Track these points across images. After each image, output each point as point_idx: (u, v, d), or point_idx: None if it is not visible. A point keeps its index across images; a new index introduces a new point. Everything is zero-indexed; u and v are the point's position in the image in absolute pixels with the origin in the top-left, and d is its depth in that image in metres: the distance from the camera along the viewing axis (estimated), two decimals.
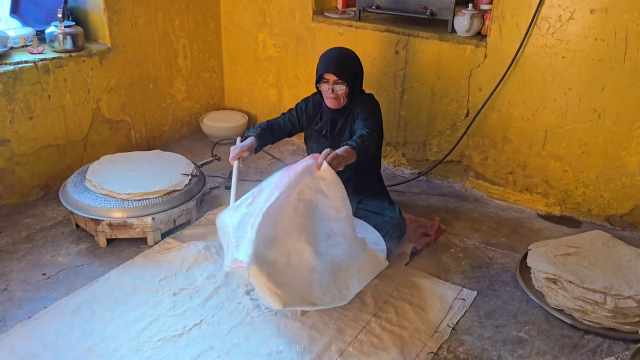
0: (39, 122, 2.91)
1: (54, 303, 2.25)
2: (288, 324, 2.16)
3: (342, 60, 2.48)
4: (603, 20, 2.54)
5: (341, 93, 2.47)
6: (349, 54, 2.53)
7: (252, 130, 2.65)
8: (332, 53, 2.52)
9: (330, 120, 2.58)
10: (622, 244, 2.47)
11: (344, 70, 2.45)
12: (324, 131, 2.60)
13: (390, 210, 2.58)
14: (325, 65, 2.46)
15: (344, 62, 2.48)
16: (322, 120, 2.60)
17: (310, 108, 2.67)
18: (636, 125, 2.63)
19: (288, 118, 2.71)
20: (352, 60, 2.52)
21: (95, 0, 3.09)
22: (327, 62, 2.46)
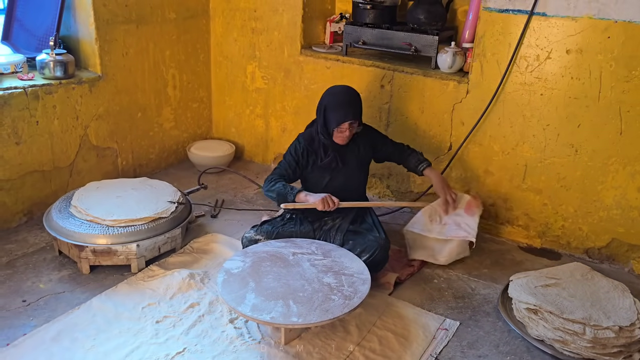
0: (25, 147, 2.91)
1: (33, 330, 2.22)
2: (271, 353, 2.16)
3: (356, 103, 2.60)
4: (578, 60, 2.66)
5: (353, 131, 2.60)
6: (356, 93, 2.63)
7: (293, 189, 2.58)
8: (346, 99, 2.57)
9: (338, 153, 2.65)
10: (600, 276, 2.52)
11: (358, 111, 2.59)
12: (333, 164, 2.65)
13: (376, 232, 2.64)
14: (344, 114, 2.53)
15: (358, 103, 2.60)
16: (328, 155, 2.64)
17: (309, 146, 2.67)
18: (611, 161, 2.72)
19: (286, 168, 2.67)
20: (359, 97, 2.63)
21: (87, 30, 3.14)
22: (346, 111, 2.53)
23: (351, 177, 2.72)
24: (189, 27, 3.66)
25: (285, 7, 3.46)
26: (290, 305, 2.14)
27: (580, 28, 2.61)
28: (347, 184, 2.70)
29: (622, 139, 2.67)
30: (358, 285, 2.27)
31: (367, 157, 2.77)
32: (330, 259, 2.44)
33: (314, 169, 2.69)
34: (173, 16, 3.52)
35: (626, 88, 2.59)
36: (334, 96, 2.60)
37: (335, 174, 2.68)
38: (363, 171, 2.79)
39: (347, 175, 2.70)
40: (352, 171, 2.71)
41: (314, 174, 2.71)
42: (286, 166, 2.70)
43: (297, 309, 2.12)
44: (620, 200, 2.76)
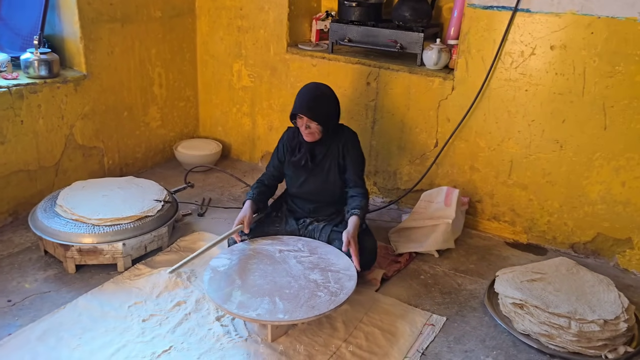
0: (10, 147, 2.89)
1: (18, 330, 2.20)
2: (258, 350, 2.15)
3: (314, 101, 2.52)
4: (562, 56, 2.68)
5: (315, 130, 2.53)
6: (323, 93, 2.57)
7: (248, 194, 2.68)
8: (306, 93, 2.56)
9: (309, 151, 2.62)
10: (585, 270, 2.54)
11: (315, 111, 2.50)
12: (302, 162, 2.63)
13: (363, 234, 2.61)
14: (298, 105, 2.52)
15: (317, 102, 2.52)
16: (301, 152, 2.64)
17: (288, 142, 2.70)
18: (596, 156, 2.74)
19: (273, 165, 2.76)
20: (325, 99, 2.55)
21: (72, 28, 3.12)
22: (300, 103, 2.52)
23: (326, 180, 2.64)
24: (175, 25, 3.65)
25: (271, 5, 3.46)
26: (277, 302, 2.14)
27: (564, 24, 2.63)
28: (322, 187, 2.66)
29: (606, 134, 2.69)
30: (344, 282, 2.27)
31: (342, 164, 2.64)
32: (316, 255, 2.44)
33: (290, 165, 2.69)
34: (159, 14, 3.51)
35: (610, 83, 2.62)
36: (302, 89, 2.58)
37: (311, 175, 2.65)
38: (339, 177, 2.65)
39: (323, 178, 2.65)
40: (327, 174, 2.64)
41: (289, 170, 2.71)
42: (271, 164, 2.77)
43: (283, 305, 2.12)
44: (605, 195, 2.78)
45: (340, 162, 2.63)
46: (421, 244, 2.85)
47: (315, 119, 2.50)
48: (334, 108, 2.59)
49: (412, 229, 2.94)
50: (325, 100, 2.55)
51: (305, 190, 2.66)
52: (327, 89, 2.60)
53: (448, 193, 2.97)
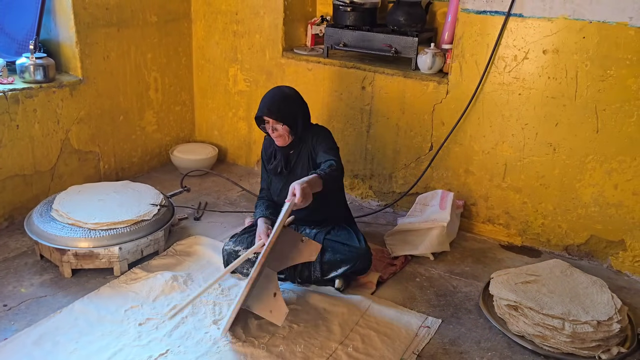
0: (5, 151, 2.89)
1: (14, 334, 2.20)
2: (255, 353, 2.16)
3: (276, 102, 2.49)
4: (555, 60, 2.71)
5: (282, 132, 2.51)
6: (285, 94, 2.54)
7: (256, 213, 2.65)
8: (267, 96, 2.53)
9: (283, 157, 2.61)
10: (579, 272, 2.57)
11: (279, 111, 2.47)
12: (279, 169, 2.62)
13: (356, 242, 2.59)
14: (260, 108, 2.50)
15: (279, 103, 2.49)
16: (277, 159, 2.62)
17: (264, 151, 2.72)
18: (589, 159, 2.77)
19: (264, 179, 2.77)
20: (288, 100, 2.52)
21: (67, 33, 3.13)
22: (262, 105, 2.50)
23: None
24: (171, 30, 3.66)
25: (266, 10, 3.48)
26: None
27: (556, 28, 2.67)
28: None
29: (598, 137, 2.72)
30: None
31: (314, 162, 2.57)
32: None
33: (269, 173, 2.70)
34: (154, 19, 3.52)
35: (601, 87, 2.65)
36: (265, 94, 2.55)
37: (288, 182, 2.45)
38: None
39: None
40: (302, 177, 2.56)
41: (270, 178, 2.72)
42: (263, 183, 2.79)
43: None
44: (598, 198, 2.81)
45: (313, 157, 2.57)
46: (416, 247, 2.86)
47: (280, 120, 2.47)
48: (299, 108, 2.54)
49: (408, 232, 2.95)
50: (288, 101, 2.52)
51: (283, 195, 2.60)
52: (290, 90, 2.58)
53: (443, 196, 2.99)
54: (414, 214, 3.05)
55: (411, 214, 3.07)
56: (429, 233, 2.87)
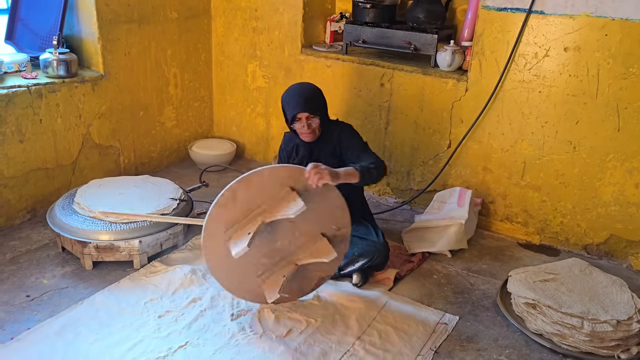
0: (29, 145, 2.94)
1: (37, 325, 2.24)
2: (273, 347, 2.18)
3: (310, 96, 2.51)
4: (576, 58, 2.68)
5: (316, 126, 2.52)
6: (313, 88, 2.56)
7: None
8: (298, 92, 2.53)
9: (308, 152, 2.61)
10: (598, 271, 2.54)
11: (314, 104, 2.49)
12: (305, 162, 2.61)
13: (374, 236, 2.62)
14: (295, 105, 2.49)
15: (312, 97, 2.51)
16: (299, 155, 2.63)
17: (285, 148, 2.70)
18: (609, 158, 2.74)
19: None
20: (317, 92, 2.55)
21: (90, 29, 3.18)
22: (297, 102, 2.49)
23: None
24: (191, 26, 3.69)
25: (285, 7, 3.50)
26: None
27: (578, 26, 2.64)
28: None
29: (619, 135, 2.70)
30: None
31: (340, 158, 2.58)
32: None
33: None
34: (175, 16, 3.55)
35: (623, 85, 2.62)
36: (288, 91, 2.56)
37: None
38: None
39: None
40: None
41: None
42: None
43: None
44: (619, 197, 2.78)
45: (337, 153, 2.57)
46: (434, 244, 2.86)
47: (318, 113, 2.49)
48: (324, 100, 2.57)
49: (425, 229, 2.95)
50: (317, 94, 2.54)
51: None
52: (310, 84, 2.60)
53: (461, 194, 2.98)
54: (432, 211, 3.05)
55: (429, 211, 3.07)
56: (447, 230, 2.86)
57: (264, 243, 2.24)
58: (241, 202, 2.15)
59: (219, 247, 2.20)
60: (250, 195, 2.16)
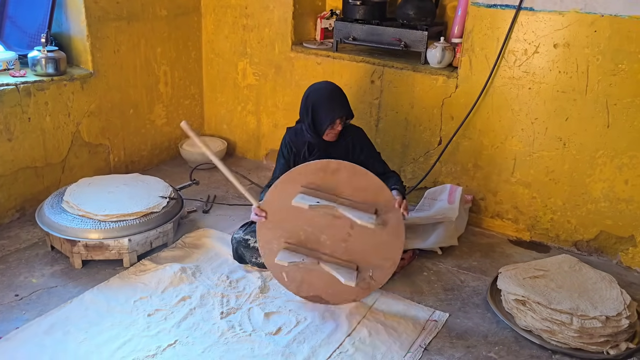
0: (17, 143, 2.92)
1: (26, 324, 2.23)
2: (262, 344, 2.18)
3: (344, 100, 2.52)
4: (566, 55, 2.69)
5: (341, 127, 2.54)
6: (341, 90, 2.55)
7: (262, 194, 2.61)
8: (333, 94, 2.51)
9: (324, 150, 2.58)
10: (588, 268, 2.55)
11: (346, 105, 2.52)
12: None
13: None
14: (334, 108, 2.46)
15: (344, 97, 2.53)
16: (314, 153, 2.58)
17: (292, 144, 2.65)
18: (599, 154, 2.75)
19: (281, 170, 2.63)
20: (342, 93, 2.55)
21: (78, 27, 3.15)
22: (336, 107, 2.47)
23: None
24: (180, 24, 3.67)
25: (275, 4, 3.48)
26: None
27: (567, 22, 2.64)
28: None
29: (609, 131, 2.70)
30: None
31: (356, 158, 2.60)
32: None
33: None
34: (164, 13, 3.54)
35: (613, 81, 2.62)
36: (321, 93, 2.51)
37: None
38: None
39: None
40: None
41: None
42: (278, 172, 2.68)
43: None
44: (608, 193, 2.79)
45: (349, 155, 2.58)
46: (424, 241, 2.86)
47: (350, 115, 2.54)
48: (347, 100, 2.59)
49: (416, 226, 2.95)
50: (343, 95, 2.55)
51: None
52: (334, 84, 2.59)
53: (451, 191, 2.98)
54: (423, 208, 3.05)
55: (419, 208, 3.07)
56: (437, 227, 2.87)
57: (316, 222, 2.29)
58: (336, 180, 2.25)
59: (288, 191, 2.27)
60: (346, 181, 2.24)
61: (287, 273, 2.38)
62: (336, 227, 2.29)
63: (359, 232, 2.26)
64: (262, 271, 2.63)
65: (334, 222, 2.28)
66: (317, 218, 2.28)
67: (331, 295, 2.39)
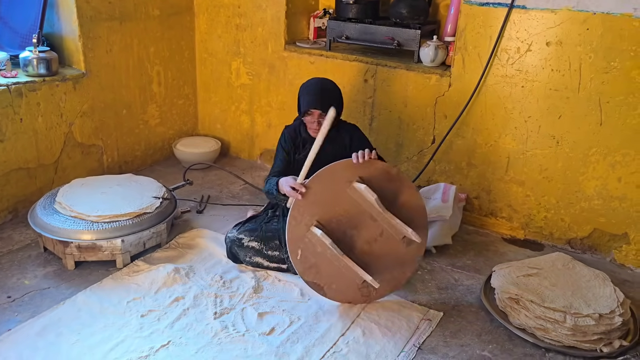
0: (9, 145, 2.91)
1: (18, 325, 2.22)
2: (256, 345, 2.17)
3: (325, 94, 2.52)
4: (558, 53, 2.69)
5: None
6: (331, 86, 2.57)
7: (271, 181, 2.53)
8: (314, 87, 2.55)
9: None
10: (581, 266, 2.55)
11: (328, 103, 2.47)
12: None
13: None
14: (309, 100, 2.50)
15: (328, 95, 2.52)
16: (306, 149, 2.61)
17: (291, 140, 2.67)
18: (592, 152, 2.76)
19: (280, 162, 2.67)
20: (334, 91, 2.56)
21: (70, 27, 3.14)
22: (312, 98, 2.51)
23: None
24: (173, 23, 3.66)
25: (268, 3, 3.47)
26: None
27: (560, 20, 2.64)
28: None
29: (602, 129, 2.71)
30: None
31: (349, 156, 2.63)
32: None
33: (296, 162, 2.69)
34: (157, 13, 3.52)
35: (605, 79, 2.63)
36: (308, 83, 2.58)
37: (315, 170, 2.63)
38: None
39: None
40: None
41: (296, 167, 2.71)
42: (279, 162, 2.69)
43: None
44: (601, 191, 2.79)
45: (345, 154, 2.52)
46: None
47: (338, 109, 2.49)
48: (341, 100, 2.58)
49: None
50: (334, 92, 2.55)
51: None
52: (331, 81, 2.61)
53: (445, 189, 2.98)
54: None
55: None
56: (431, 226, 2.86)
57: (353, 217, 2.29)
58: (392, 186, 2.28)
59: (344, 175, 2.27)
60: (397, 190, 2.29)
61: (303, 251, 2.31)
62: (368, 228, 2.30)
63: (385, 242, 2.31)
64: (256, 271, 2.63)
65: (368, 222, 2.29)
66: (355, 213, 2.28)
67: (332, 291, 2.37)
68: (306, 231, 2.27)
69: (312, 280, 2.36)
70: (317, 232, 2.25)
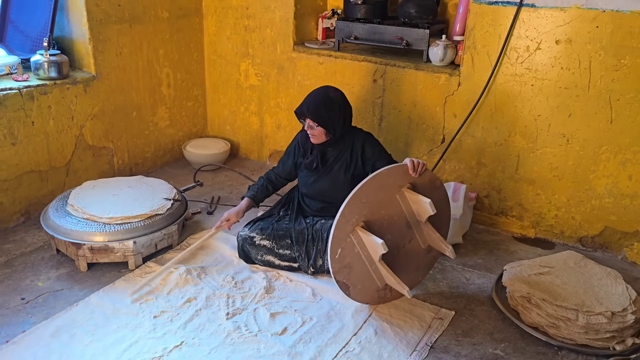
0: (21, 148, 2.93)
1: (32, 327, 2.24)
2: (268, 345, 2.18)
3: (318, 103, 2.51)
4: (568, 51, 2.68)
5: (318, 132, 2.54)
6: (329, 97, 2.53)
7: (249, 190, 2.79)
8: (312, 94, 2.58)
9: (320, 153, 2.62)
10: (593, 264, 2.55)
11: (317, 113, 2.50)
12: (314, 165, 2.63)
13: None
14: (301, 105, 2.56)
15: (320, 106, 2.51)
16: (312, 154, 2.64)
17: (301, 144, 2.72)
18: (602, 150, 2.75)
19: (283, 163, 2.80)
20: (330, 103, 2.52)
21: (80, 30, 3.16)
22: (303, 103, 2.55)
23: (335, 183, 2.63)
24: (182, 26, 3.68)
25: (277, 4, 3.49)
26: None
27: (569, 18, 2.64)
28: (331, 189, 2.64)
29: (612, 127, 2.70)
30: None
31: (356, 166, 2.62)
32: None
33: (302, 167, 2.72)
34: (166, 15, 3.54)
35: (615, 77, 2.62)
36: (310, 93, 2.60)
37: (321, 177, 2.65)
38: (350, 179, 2.59)
39: (331, 180, 2.63)
40: (337, 177, 2.62)
41: (302, 172, 2.73)
42: (281, 162, 2.81)
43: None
44: (612, 189, 2.78)
45: (354, 162, 2.61)
46: None
47: (317, 121, 2.51)
48: (339, 112, 2.53)
49: None
50: (329, 104, 2.52)
51: (314, 190, 2.68)
52: (336, 92, 2.57)
53: (455, 189, 2.98)
54: None
55: None
56: None
57: (393, 221, 2.30)
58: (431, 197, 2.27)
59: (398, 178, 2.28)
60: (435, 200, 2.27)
61: (343, 250, 2.27)
62: (402, 233, 2.33)
63: (410, 248, 2.36)
64: (268, 271, 2.64)
65: (403, 229, 2.33)
66: (397, 218, 2.31)
67: (356, 291, 2.35)
68: (351, 230, 2.25)
69: (342, 279, 2.32)
70: (367, 233, 2.24)
